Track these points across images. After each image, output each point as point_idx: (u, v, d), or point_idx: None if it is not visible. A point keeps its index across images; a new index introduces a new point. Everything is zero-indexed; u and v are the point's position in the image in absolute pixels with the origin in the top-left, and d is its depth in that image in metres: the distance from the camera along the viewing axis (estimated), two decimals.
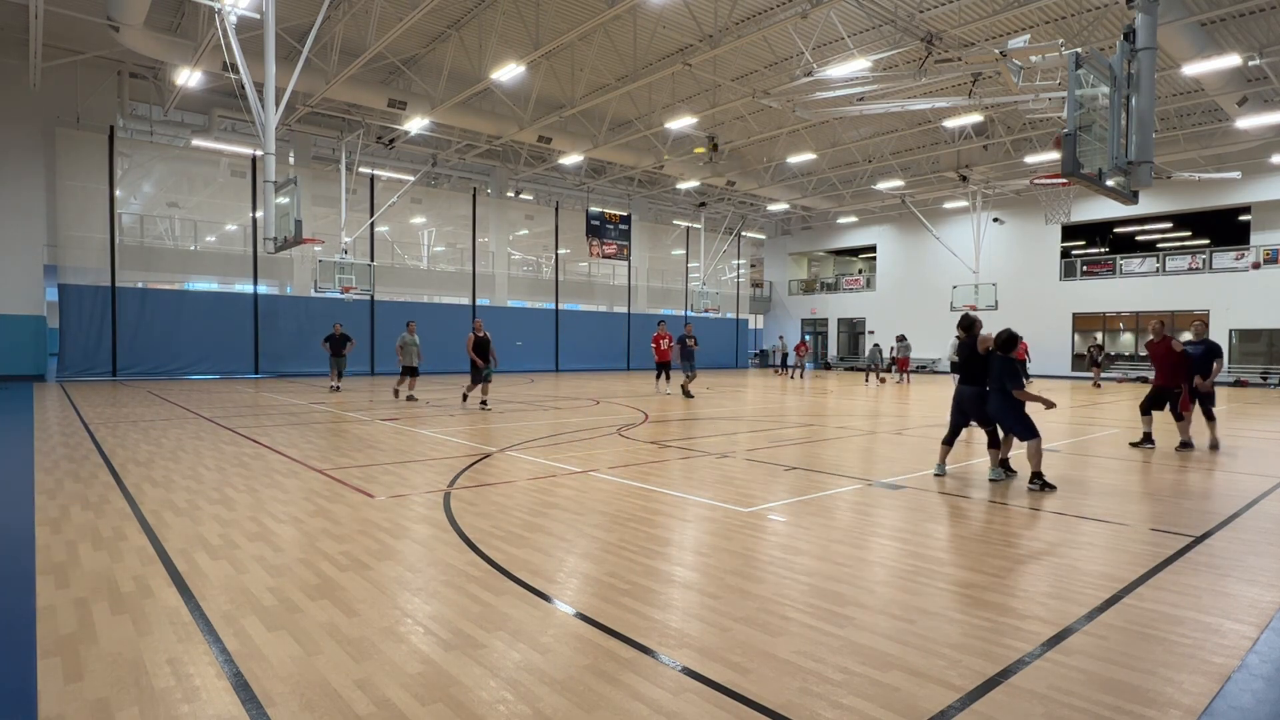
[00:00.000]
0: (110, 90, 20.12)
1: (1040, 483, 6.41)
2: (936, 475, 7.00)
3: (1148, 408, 9.28)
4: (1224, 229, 27.74)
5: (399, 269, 27.29)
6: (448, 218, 28.36)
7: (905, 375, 25.50)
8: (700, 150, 23.78)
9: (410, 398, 14.93)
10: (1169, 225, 29.98)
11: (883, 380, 25.75)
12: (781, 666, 2.87)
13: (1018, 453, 7.66)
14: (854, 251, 39.92)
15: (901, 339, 25.50)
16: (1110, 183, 5.94)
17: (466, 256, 28.24)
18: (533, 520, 5.19)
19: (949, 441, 7.12)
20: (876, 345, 27.34)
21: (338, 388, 17.14)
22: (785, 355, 32.46)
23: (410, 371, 14.93)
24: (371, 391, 17.53)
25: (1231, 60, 15.08)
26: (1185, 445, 8.97)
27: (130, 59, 19.18)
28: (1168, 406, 9.17)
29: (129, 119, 21.45)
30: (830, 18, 15.18)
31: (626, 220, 28.30)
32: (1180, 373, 8.92)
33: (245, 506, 5.51)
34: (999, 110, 19.10)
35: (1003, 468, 6.91)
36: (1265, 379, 24.84)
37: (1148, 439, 9.22)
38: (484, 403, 13.29)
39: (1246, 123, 18.68)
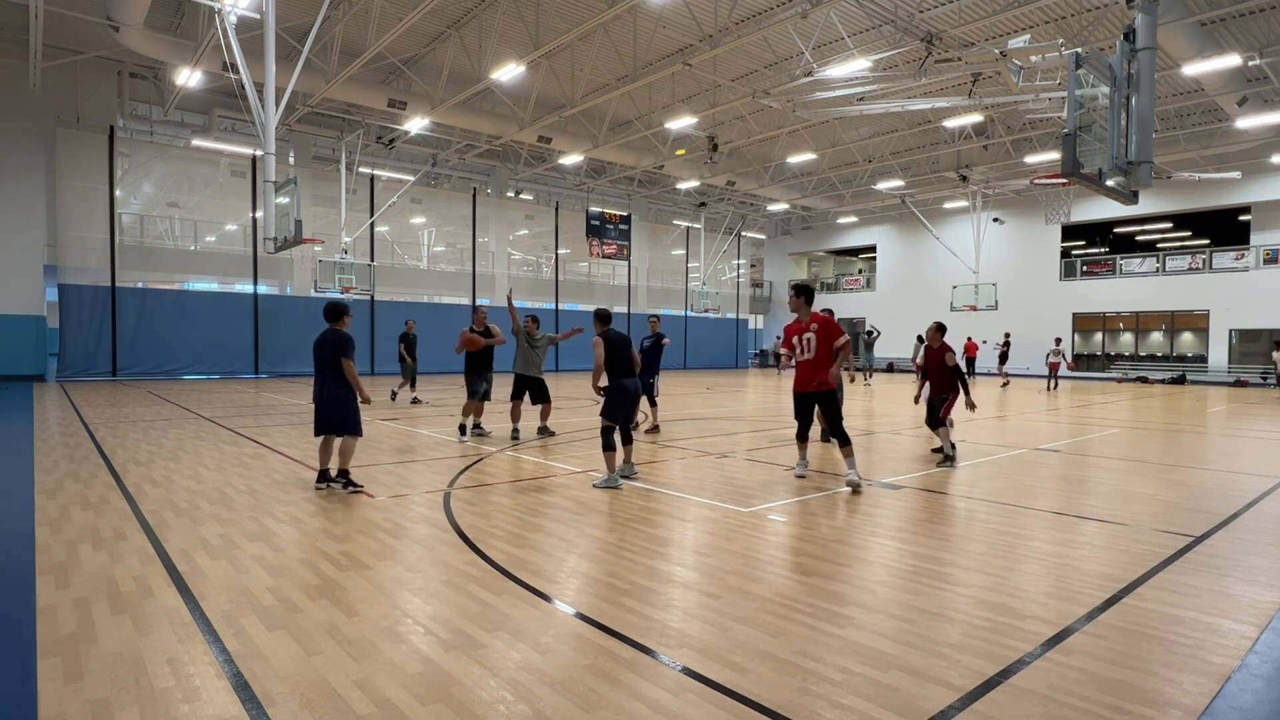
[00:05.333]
0: (110, 90, 20.11)
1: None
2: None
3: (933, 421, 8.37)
4: (1224, 229, 27.74)
5: (399, 269, 27.29)
6: (448, 218, 28.35)
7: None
8: (681, 153, 23.82)
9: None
10: (1169, 225, 29.98)
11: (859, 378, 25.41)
12: (781, 666, 2.87)
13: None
14: (854, 251, 39.92)
15: (920, 340, 25.41)
16: (1110, 183, 5.93)
17: (466, 256, 28.23)
18: (533, 520, 5.19)
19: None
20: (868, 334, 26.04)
21: (418, 399, 14.49)
22: (780, 355, 32.93)
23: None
24: (371, 391, 17.50)
25: (1231, 60, 15.08)
26: (943, 456, 8.16)
27: (130, 59, 19.18)
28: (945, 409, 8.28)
29: (129, 119, 21.45)
30: (830, 18, 15.18)
31: (626, 220, 28.28)
32: (953, 383, 8.14)
33: (245, 506, 5.51)
34: (999, 110, 19.07)
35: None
36: (1265, 379, 24.83)
37: (952, 449, 8.32)
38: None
39: (1246, 123, 18.67)
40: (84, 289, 19.72)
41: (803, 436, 6.91)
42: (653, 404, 10.49)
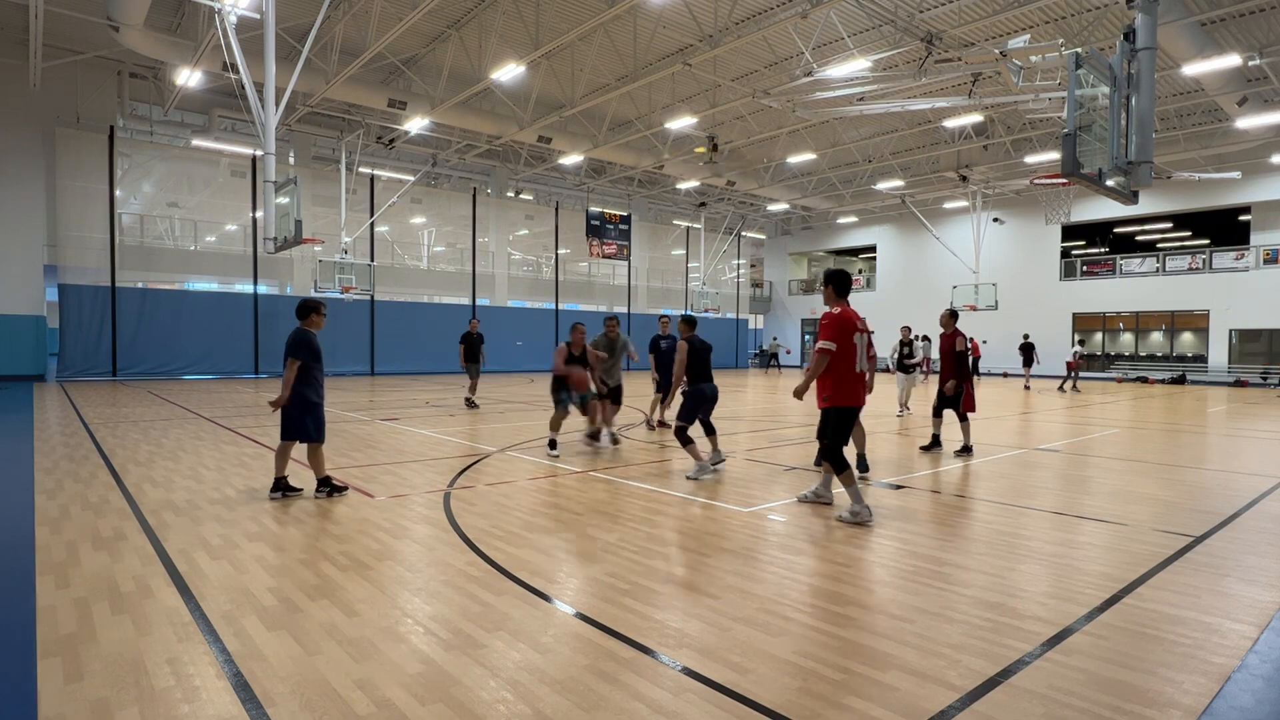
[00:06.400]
0: (110, 90, 20.12)
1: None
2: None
3: (940, 409, 8.61)
4: (1224, 229, 27.74)
5: (399, 269, 27.29)
6: (448, 218, 28.36)
7: (925, 374, 25.55)
8: (701, 150, 23.78)
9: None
10: (1169, 225, 29.98)
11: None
12: (781, 666, 2.87)
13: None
14: (854, 251, 39.90)
15: (925, 339, 25.37)
16: (1110, 183, 5.93)
17: (466, 256, 28.24)
18: (533, 520, 5.19)
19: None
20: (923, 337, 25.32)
21: (474, 403, 13.72)
22: (775, 355, 34.60)
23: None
24: (371, 391, 17.52)
25: (1231, 60, 15.08)
26: (962, 446, 8.43)
27: (130, 59, 19.18)
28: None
29: (129, 119, 21.45)
30: (830, 18, 15.18)
31: (626, 220, 28.29)
32: (961, 370, 8.32)
33: (245, 506, 5.51)
34: (999, 110, 19.08)
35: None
36: (1265, 379, 24.84)
37: (936, 442, 8.66)
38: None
39: (1246, 123, 18.67)
40: (84, 289, 19.72)
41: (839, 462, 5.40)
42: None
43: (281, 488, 5.88)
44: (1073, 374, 21.66)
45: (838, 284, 5.49)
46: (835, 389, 5.33)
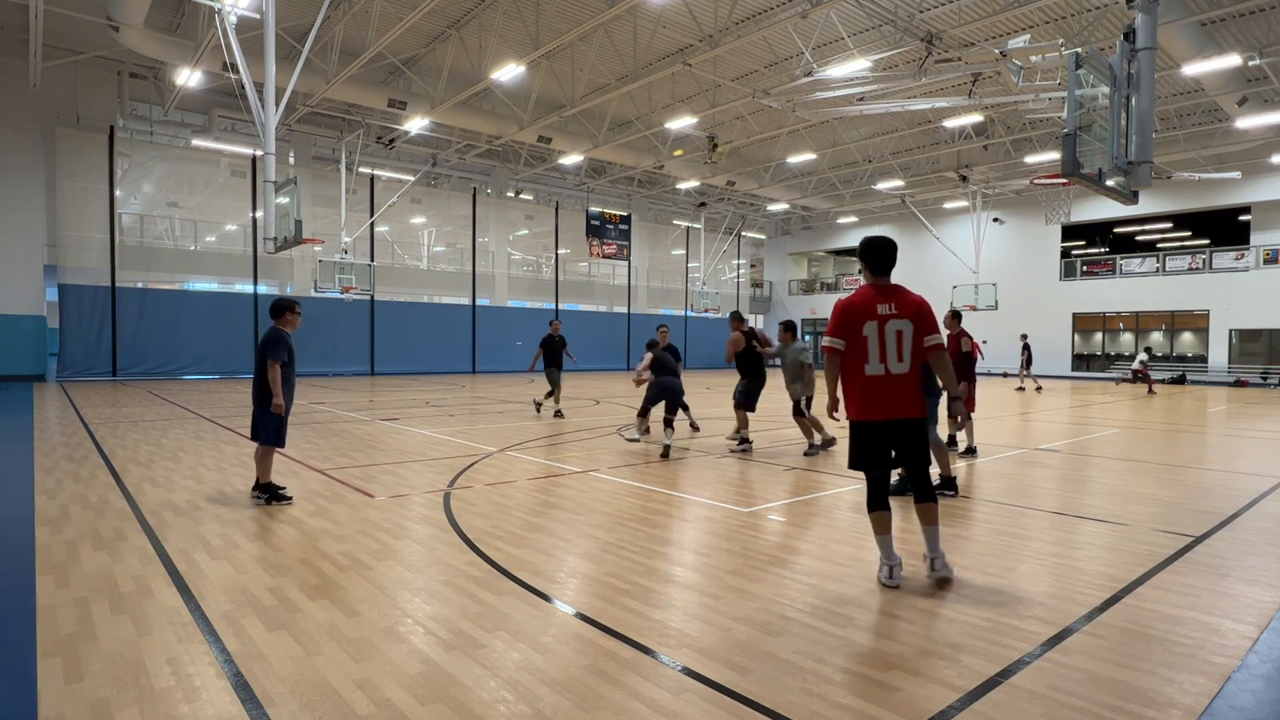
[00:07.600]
0: (110, 90, 20.12)
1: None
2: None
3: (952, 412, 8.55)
4: (1224, 229, 27.74)
5: (399, 269, 27.30)
6: (448, 218, 28.37)
7: None
8: (679, 153, 23.83)
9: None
10: (1169, 225, 29.98)
11: None
12: (781, 666, 2.87)
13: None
14: (854, 251, 39.54)
15: None
16: (1110, 183, 5.94)
17: (466, 256, 28.25)
18: (533, 520, 5.19)
19: None
20: None
21: (560, 412, 12.26)
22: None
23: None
24: (371, 391, 17.52)
25: (1231, 60, 15.08)
26: (965, 448, 8.43)
27: (130, 59, 19.19)
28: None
29: (129, 119, 21.46)
30: (830, 18, 15.18)
31: (626, 220, 28.30)
32: (966, 371, 8.24)
33: (245, 506, 5.51)
34: (999, 110, 19.08)
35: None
36: (1265, 379, 24.83)
37: (952, 441, 8.61)
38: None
39: (1246, 123, 18.67)
40: (84, 289, 19.73)
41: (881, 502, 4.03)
42: (685, 407, 10.09)
43: (270, 493, 5.70)
44: (1140, 378, 21.29)
45: (869, 258, 4.03)
46: (846, 396, 4.08)
